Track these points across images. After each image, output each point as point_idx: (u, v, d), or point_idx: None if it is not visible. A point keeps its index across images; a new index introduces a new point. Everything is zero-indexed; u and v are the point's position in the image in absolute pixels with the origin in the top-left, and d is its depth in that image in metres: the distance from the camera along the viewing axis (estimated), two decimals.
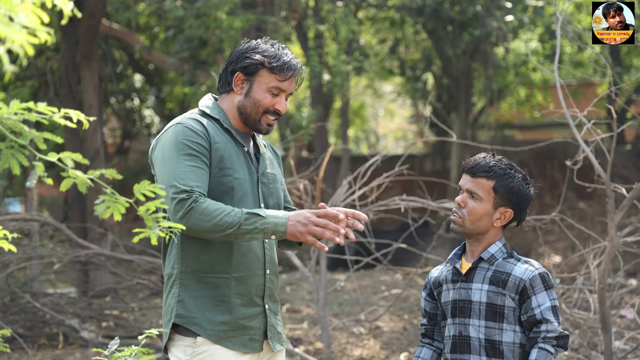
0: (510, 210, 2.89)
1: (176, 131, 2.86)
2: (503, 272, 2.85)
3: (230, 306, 2.86)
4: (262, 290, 2.94)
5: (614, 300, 6.20)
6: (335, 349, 6.58)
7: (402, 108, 23.54)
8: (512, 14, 11.23)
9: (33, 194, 8.64)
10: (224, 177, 2.86)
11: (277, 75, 2.95)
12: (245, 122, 2.99)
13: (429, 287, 3.06)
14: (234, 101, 3.00)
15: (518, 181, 2.89)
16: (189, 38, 10.72)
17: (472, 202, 2.88)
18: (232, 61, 3.00)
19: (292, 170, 7.15)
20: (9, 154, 2.01)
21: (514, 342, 2.83)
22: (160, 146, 2.88)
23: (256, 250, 2.92)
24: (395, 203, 5.71)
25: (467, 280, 2.90)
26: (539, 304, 2.80)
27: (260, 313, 2.95)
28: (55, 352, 6.71)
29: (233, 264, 2.86)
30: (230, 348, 2.86)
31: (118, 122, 16.28)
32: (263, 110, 2.96)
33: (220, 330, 2.85)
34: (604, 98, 11.18)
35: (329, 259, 9.64)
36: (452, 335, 2.92)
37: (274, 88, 2.95)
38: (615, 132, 4.66)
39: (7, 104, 1.97)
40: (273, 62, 2.94)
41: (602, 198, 10.95)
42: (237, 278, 2.87)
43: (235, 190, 2.87)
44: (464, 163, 2.96)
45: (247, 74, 2.96)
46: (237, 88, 2.98)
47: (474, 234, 2.90)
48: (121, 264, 9.16)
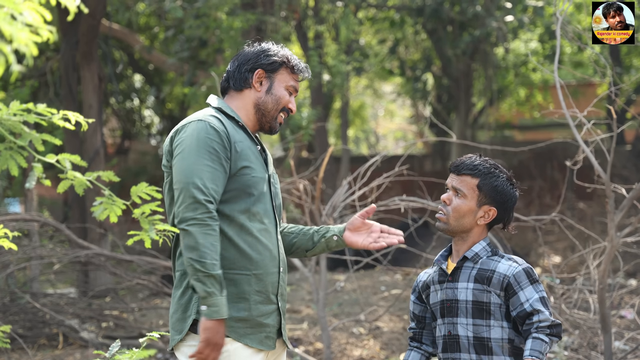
0: (494, 209, 2.93)
1: (199, 127, 2.87)
2: (487, 270, 2.89)
3: (249, 303, 2.88)
4: (276, 288, 2.98)
5: (614, 301, 6.19)
6: (335, 349, 6.58)
7: (402, 108, 23.54)
8: (512, 14, 11.23)
9: (33, 195, 8.64)
10: (245, 176, 2.89)
11: (295, 74, 3.05)
12: (261, 120, 3.04)
13: (418, 290, 3.10)
14: (249, 99, 3.03)
15: (502, 180, 2.94)
16: (189, 38, 10.72)
17: (456, 200, 2.94)
18: (249, 59, 3.03)
19: (292, 170, 7.15)
20: (7, 155, 2.01)
21: (502, 338, 2.86)
22: (181, 139, 2.89)
23: (272, 248, 2.95)
24: (395, 203, 5.71)
25: (453, 280, 2.94)
26: (527, 298, 2.82)
27: (275, 311, 2.97)
28: (55, 353, 6.71)
29: (253, 261, 2.89)
30: (249, 345, 2.88)
31: (118, 123, 16.28)
32: (282, 107, 3.04)
33: (239, 327, 2.87)
34: (603, 98, 11.18)
35: (329, 260, 9.64)
36: (443, 335, 2.96)
37: (291, 87, 3.05)
38: (615, 132, 4.66)
39: (7, 105, 1.97)
40: (293, 61, 3.04)
41: (602, 198, 10.95)
42: (257, 275, 2.90)
43: (254, 189, 2.91)
44: (450, 163, 3.02)
45: (269, 71, 3.02)
46: (257, 85, 3.02)
47: (458, 231, 2.94)
48: (121, 264, 9.17)
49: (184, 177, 2.80)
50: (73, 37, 9.14)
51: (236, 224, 2.88)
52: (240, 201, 2.89)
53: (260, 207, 2.93)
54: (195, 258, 2.74)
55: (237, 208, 2.88)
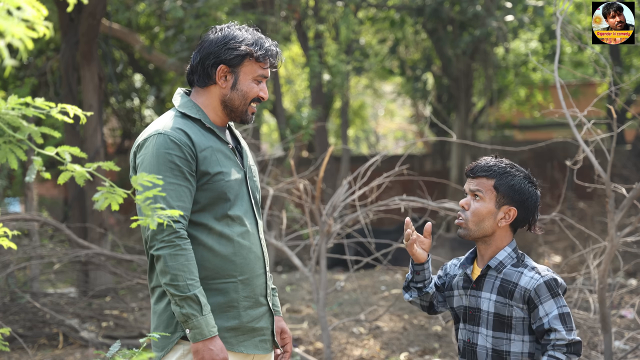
0: (514, 209, 2.86)
1: (158, 143, 2.73)
2: (510, 282, 2.82)
3: (239, 310, 2.82)
4: (264, 289, 2.91)
5: (614, 300, 6.20)
6: (335, 349, 6.58)
7: (402, 108, 23.54)
8: (512, 14, 11.23)
9: (33, 194, 8.64)
10: (216, 183, 2.78)
11: (261, 63, 2.86)
12: (230, 115, 2.89)
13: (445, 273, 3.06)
14: (215, 95, 2.87)
15: (519, 179, 2.87)
16: (189, 38, 10.72)
17: (474, 203, 2.87)
18: (211, 53, 2.84)
19: (292, 170, 7.14)
20: (6, 149, 2.01)
21: (522, 352, 2.81)
22: (142, 157, 2.76)
23: (256, 250, 2.88)
24: (395, 203, 5.71)
25: (476, 288, 2.89)
26: (547, 312, 2.75)
27: (266, 312, 2.92)
28: (55, 352, 6.71)
29: (238, 266, 2.81)
30: (244, 352, 2.83)
31: (118, 122, 16.28)
32: (250, 100, 2.87)
33: (232, 337, 2.81)
34: (604, 98, 11.18)
35: (329, 259, 9.64)
36: (463, 340, 2.93)
37: (259, 76, 2.87)
38: (615, 132, 4.66)
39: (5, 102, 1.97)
40: (257, 51, 2.83)
41: (602, 198, 10.95)
42: (243, 281, 2.83)
43: (229, 194, 2.80)
44: (466, 167, 2.97)
45: (232, 66, 2.84)
46: (221, 81, 2.85)
47: (480, 236, 2.88)
48: (121, 264, 9.17)
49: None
50: (73, 36, 9.13)
51: (215, 232, 2.78)
52: (217, 208, 2.79)
53: (239, 210, 2.83)
54: (168, 282, 2.67)
55: (214, 215, 2.78)
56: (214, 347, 2.69)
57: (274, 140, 21.41)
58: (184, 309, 2.66)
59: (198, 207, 2.77)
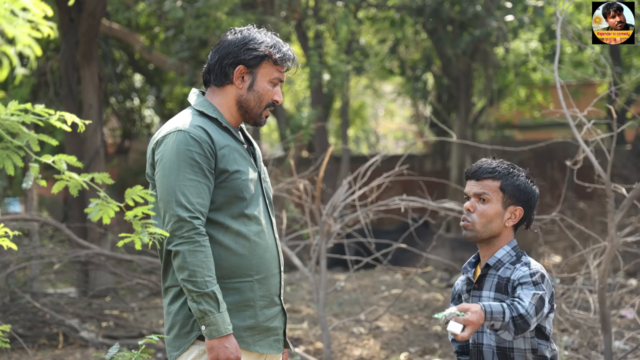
0: (520, 208, 2.90)
1: (178, 139, 2.76)
2: (504, 278, 2.85)
3: (255, 310, 2.82)
4: (278, 288, 2.92)
5: (614, 300, 6.19)
6: (335, 349, 6.58)
7: (402, 108, 23.54)
8: (512, 14, 11.23)
9: (33, 194, 8.64)
10: (234, 181, 2.79)
11: (279, 66, 2.89)
12: (245, 116, 2.90)
13: (455, 298, 3.06)
14: (231, 95, 2.88)
15: (523, 179, 2.92)
16: (189, 38, 10.72)
17: (481, 206, 2.89)
18: (230, 52, 2.85)
19: (292, 170, 7.14)
20: (4, 154, 2.02)
21: (525, 349, 2.83)
22: (161, 153, 2.78)
23: (272, 249, 2.88)
24: (395, 203, 5.71)
25: (478, 288, 2.91)
26: (523, 290, 2.70)
27: (280, 312, 2.93)
28: (55, 352, 6.71)
29: (254, 266, 2.82)
30: (259, 352, 2.83)
31: (118, 122, 16.29)
32: (266, 103, 2.89)
33: (248, 336, 2.81)
34: (604, 98, 11.17)
35: (329, 259, 9.64)
36: (470, 343, 2.96)
37: (275, 79, 2.89)
38: (615, 132, 4.66)
39: (6, 105, 1.98)
40: (276, 53, 2.86)
41: (602, 198, 10.94)
42: (259, 280, 2.83)
43: (245, 193, 2.81)
44: (466, 170, 2.98)
45: (250, 67, 2.85)
46: (239, 81, 2.87)
47: (487, 237, 2.90)
48: (121, 264, 9.17)
49: (167, 195, 2.71)
50: (73, 37, 9.13)
51: (232, 231, 2.79)
52: (234, 207, 2.80)
53: (255, 209, 2.84)
54: (185, 278, 2.68)
55: (231, 214, 2.79)
56: (229, 345, 2.70)
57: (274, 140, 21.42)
58: (201, 305, 2.67)
59: (215, 205, 2.78)
